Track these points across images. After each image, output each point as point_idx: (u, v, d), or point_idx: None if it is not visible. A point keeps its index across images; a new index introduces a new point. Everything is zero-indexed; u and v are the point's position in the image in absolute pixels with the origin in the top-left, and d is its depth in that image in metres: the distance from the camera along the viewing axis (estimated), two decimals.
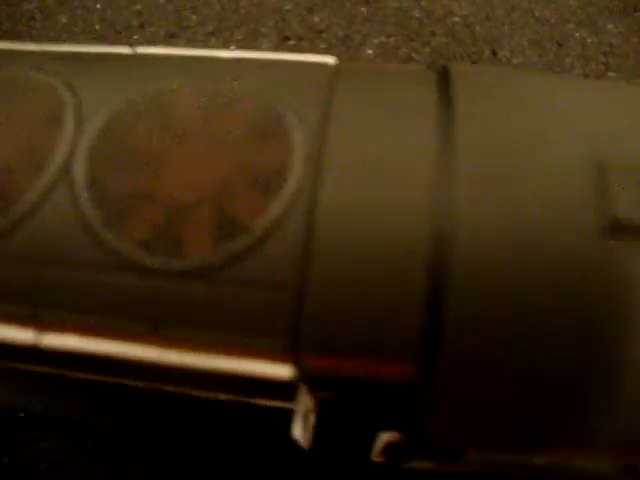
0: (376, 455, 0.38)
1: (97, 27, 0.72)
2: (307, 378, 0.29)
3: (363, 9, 0.70)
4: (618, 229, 0.27)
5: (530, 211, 0.27)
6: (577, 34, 0.69)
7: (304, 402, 0.32)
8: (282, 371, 0.28)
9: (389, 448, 0.34)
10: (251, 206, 0.28)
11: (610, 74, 0.68)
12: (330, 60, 0.35)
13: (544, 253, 0.26)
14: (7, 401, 0.46)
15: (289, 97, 0.31)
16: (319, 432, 0.39)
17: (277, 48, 0.67)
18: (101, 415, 0.44)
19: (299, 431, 0.32)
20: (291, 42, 0.68)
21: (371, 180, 0.27)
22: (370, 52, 0.67)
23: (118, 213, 0.29)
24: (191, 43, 0.69)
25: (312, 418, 0.40)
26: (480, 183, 0.27)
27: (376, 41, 0.68)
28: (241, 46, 0.68)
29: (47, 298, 0.29)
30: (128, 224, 0.28)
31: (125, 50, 0.37)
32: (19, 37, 0.72)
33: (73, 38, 0.71)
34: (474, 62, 0.67)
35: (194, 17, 0.72)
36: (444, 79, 0.33)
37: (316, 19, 0.69)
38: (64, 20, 0.73)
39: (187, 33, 0.70)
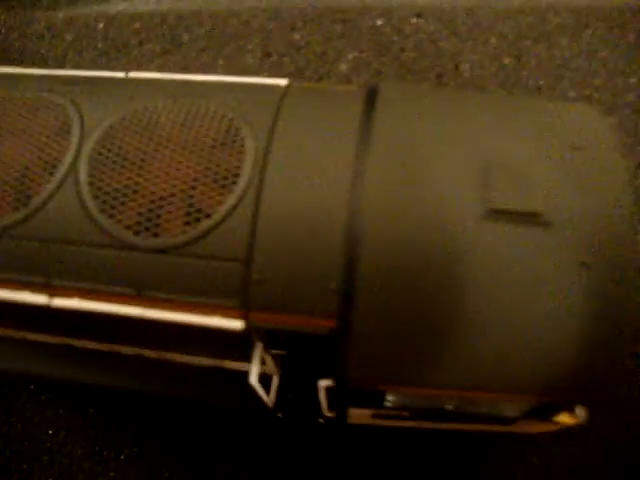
0: (325, 408, 0.47)
1: (100, 45, 0.81)
2: (256, 331, 0.38)
3: (339, 27, 0.79)
4: (495, 214, 0.36)
5: (426, 201, 0.36)
6: (533, 49, 0.78)
7: (258, 356, 0.41)
8: (236, 324, 0.37)
9: (330, 397, 0.43)
10: (212, 198, 0.37)
11: (563, 85, 0.77)
12: (283, 82, 0.44)
13: (431, 230, 0.35)
14: (21, 369, 0.55)
15: (246, 113, 0.40)
16: (280, 390, 0.48)
17: (261, 63, 0.77)
18: (98, 380, 0.54)
19: (254, 378, 0.41)
20: (273, 58, 0.78)
21: (303, 179, 0.37)
22: (344, 67, 0.76)
23: (111, 203, 0.38)
24: (184, 59, 0.79)
25: (275, 379, 0.49)
26: (386, 180, 0.36)
27: (350, 56, 0.77)
28: (229, 61, 0.77)
29: (56, 269, 0.38)
30: (119, 212, 0.38)
31: (120, 75, 0.46)
32: (29, 54, 0.82)
33: (78, 55, 0.81)
34: (439, 75, 0.76)
35: (187, 35, 0.81)
36: (372, 97, 0.42)
37: (296, 36, 0.78)
38: (70, 39, 0.83)
39: (181, 49, 0.80)
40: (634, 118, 0.73)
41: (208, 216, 0.37)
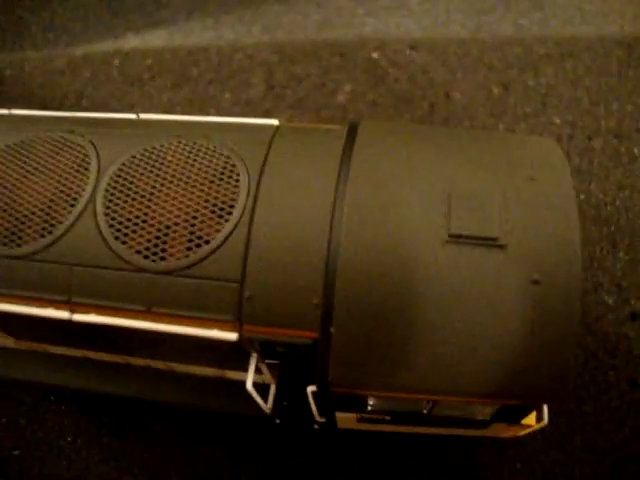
0: (316, 414, 0.53)
1: (116, 79, 0.89)
2: (251, 343, 0.44)
3: (337, 60, 0.86)
4: (456, 238, 0.42)
5: (393, 226, 0.42)
6: (520, 78, 0.84)
7: (253, 365, 0.47)
8: (231, 336, 0.43)
9: (318, 403, 0.49)
10: (211, 226, 0.43)
11: (548, 111, 0.83)
12: (274, 122, 0.50)
13: (403, 253, 0.41)
14: (43, 380, 0.61)
15: (241, 151, 0.46)
16: (277, 398, 0.54)
17: (264, 95, 0.84)
18: (112, 389, 0.60)
19: (250, 384, 0.47)
20: (276, 90, 0.85)
21: (289, 209, 0.43)
22: (342, 98, 0.83)
23: (124, 231, 0.44)
24: (193, 91, 0.86)
25: (272, 388, 0.55)
26: (361, 208, 0.42)
27: (347, 88, 0.84)
28: (234, 93, 0.84)
29: (77, 289, 0.45)
30: (130, 239, 0.44)
31: (132, 116, 0.53)
32: (50, 89, 0.90)
33: (96, 89, 0.88)
34: (431, 104, 0.83)
35: (195, 70, 0.88)
36: (352, 135, 0.48)
37: (297, 70, 0.85)
38: (88, 74, 0.90)
39: (190, 83, 0.87)
40: (615, 142, 0.79)
41: (207, 242, 0.43)
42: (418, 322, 0.41)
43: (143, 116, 0.52)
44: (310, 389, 0.47)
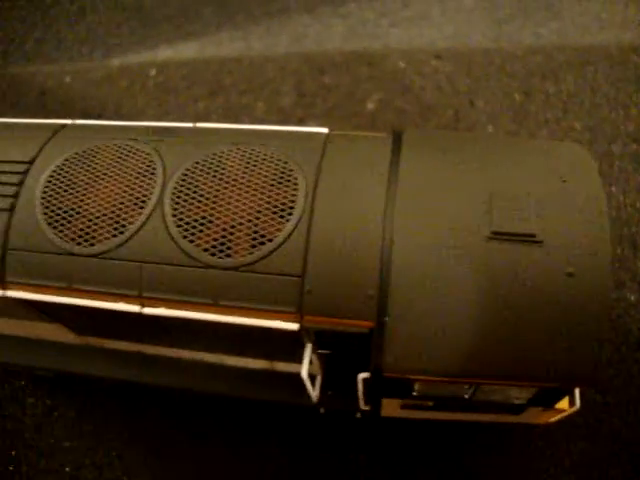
0: (362, 401, 0.57)
1: (152, 89, 0.94)
2: (307, 333, 0.49)
3: (365, 70, 0.91)
4: (497, 235, 0.46)
5: (440, 224, 0.47)
6: (541, 85, 0.89)
7: (309, 354, 0.52)
8: (293, 326, 0.47)
9: (367, 390, 0.53)
10: (272, 226, 0.48)
11: (569, 117, 0.87)
12: (324, 130, 0.55)
13: (449, 249, 0.46)
14: (101, 375, 0.66)
15: (296, 157, 0.51)
16: (324, 386, 0.59)
17: (295, 104, 0.88)
18: (167, 382, 0.64)
19: (305, 373, 0.51)
20: (306, 99, 0.89)
21: (345, 209, 0.48)
22: (370, 106, 0.88)
23: (191, 231, 0.49)
24: (227, 101, 0.91)
25: (319, 378, 0.59)
26: (410, 209, 0.47)
27: (375, 97, 0.88)
28: (267, 102, 0.89)
29: (147, 284, 0.49)
30: (198, 237, 0.49)
31: (189, 125, 0.58)
32: (90, 100, 0.95)
33: (133, 99, 0.93)
34: (456, 112, 0.87)
35: (228, 79, 0.93)
36: (398, 141, 0.53)
37: (327, 79, 0.90)
38: (125, 84, 0.95)
39: (223, 92, 0.92)
40: (634, 146, 0.84)
41: (270, 240, 0.48)
42: (465, 311, 0.45)
43: (200, 125, 0.57)
44: (362, 376, 0.51)
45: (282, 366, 0.61)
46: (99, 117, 0.60)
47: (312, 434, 0.68)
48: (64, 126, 0.60)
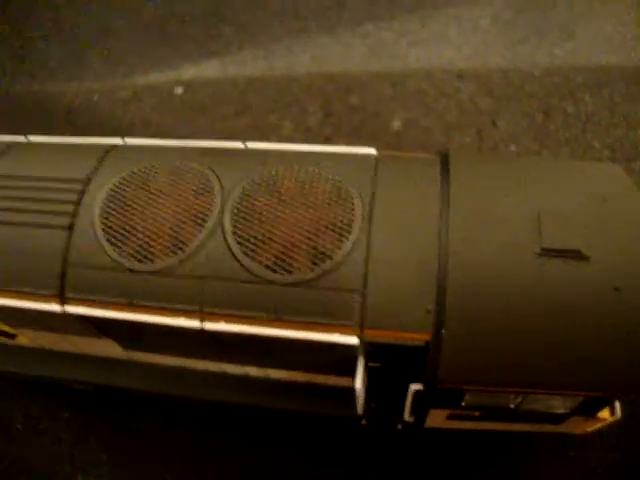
0: (407, 412, 0.60)
1: (180, 107, 0.97)
2: (366, 346, 0.51)
3: (389, 90, 0.94)
4: (546, 251, 0.49)
5: (492, 242, 0.49)
6: (560, 105, 0.93)
7: (362, 366, 0.54)
8: (352, 340, 0.50)
9: (416, 400, 0.56)
10: (332, 244, 0.51)
11: (588, 136, 0.91)
12: (372, 151, 0.58)
13: (501, 265, 0.48)
14: (147, 389, 0.68)
15: (350, 176, 0.54)
16: (369, 398, 0.61)
17: (322, 123, 0.91)
18: (214, 397, 0.67)
19: (359, 384, 0.53)
20: (333, 118, 0.92)
21: (401, 227, 0.50)
22: (396, 125, 0.91)
23: (252, 248, 0.52)
24: (254, 119, 0.93)
25: (363, 390, 0.62)
26: (463, 227, 0.50)
27: (400, 116, 0.92)
28: (294, 121, 0.92)
29: (208, 300, 0.52)
30: (258, 254, 0.51)
31: (240, 145, 0.60)
32: (117, 119, 0.97)
33: (161, 117, 0.96)
34: (478, 131, 0.91)
35: (255, 98, 0.96)
36: (445, 161, 0.56)
37: (352, 99, 0.93)
38: (152, 103, 0.98)
39: (250, 111, 0.95)
40: None
41: (330, 258, 0.50)
42: (517, 324, 0.48)
43: (250, 145, 0.60)
44: (413, 387, 0.54)
45: (325, 379, 0.63)
46: (128, 135, 0.63)
47: (352, 446, 0.70)
48: (115, 146, 0.62)
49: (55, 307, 0.55)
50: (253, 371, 0.65)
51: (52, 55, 1.09)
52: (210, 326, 0.52)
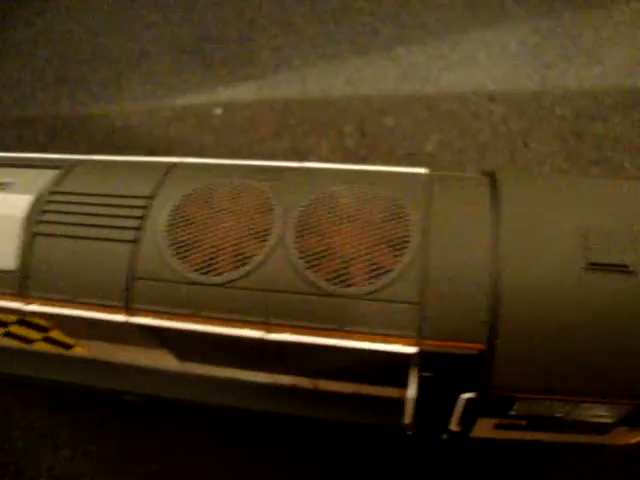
0: (455, 421, 0.62)
1: (219, 129, 1.01)
2: (420, 356, 0.54)
3: (423, 112, 0.98)
4: (593, 266, 0.53)
5: (542, 257, 0.53)
6: (591, 127, 0.96)
7: (415, 376, 0.57)
8: (410, 350, 0.53)
9: (466, 409, 0.59)
10: (390, 258, 0.54)
11: (618, 157, 0.94)
12: (422, 170, 0.62)
13: (551, 278, 0.52)
14: (204, 401, 0.71)
15: (405, 195, 0.58)
16: (418, 408, 0.64)
17: (359, 144, 0.95)
18: (264, 407, 0.70)
19: (412, 394, 0.57)
20: (368, 139, 0.96)
21: (456, 242, 0.54)
22: (430, 147, 0.95)
23: (313, 262, 0.55)
24: (292, 141, 0.98)
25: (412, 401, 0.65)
26: (515, 243, 0.53)
27: (434, 138, 0.96)
28: (331, 143, 0.96)
29: (273, 312, 0.55)
30: (319, 268, 0.55)
31: (295, 164, 0.64)
32: (158, 138, 1.02)
33: (201, 138, 1.00)
34: (511, 151, 0.94)
35: (292, 120, 1.00)
36: (493, 180, 0.59)
37: (388, 120, 0.97)
38: (192, 124, 1.02)
39: (288, 133, 0.99)
40: None
41: (388, 272, 0.54)
42: (568, 334, 0.51)
43: (306, 164, 0.64)
44: (465, 396, 0.57)
45: (374, 390, 0.66)
46: (169, 155, 0.66)
47: (396, 455, 0.73)
48: (175, 164, 0.66)
49: (121, 318, 0.59)
50: (303, 382, 0.68)
51: (93, 78, 1.14)
52: (274, 337, 0.55)
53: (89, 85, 1.13)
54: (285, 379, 0.68)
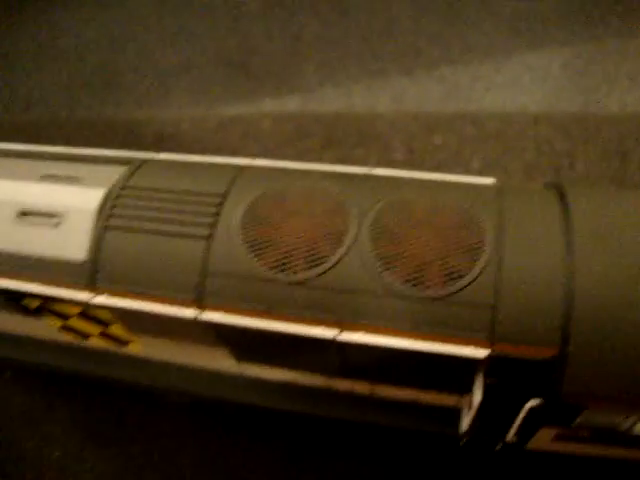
0: (514, 431, 0.64)
1: (266, 139, 1.04)
2: (491, 360, 0.56)
3: (470, 129, 1.01)
4: None
5: (613, 265, 0.55)
6: (635, 149, 0.99)
7: (480, 382, 0.59)
8: (483, 353, 0.55)
9: (529, 417, 0.60)
10: (464, 263, 0.56)
11: None
12: (489, 180, 0.64)
13: (623, 285, 0.54)
14: (257, 403, 0.73)
15: (476, 203, 0.60)
16: (478, 416, 0.65)
17: (407, 159, 0.98)
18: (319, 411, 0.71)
19: (478, 399, 0.58)
20: (416, 155, 0.99)
21: (526, 249, 0.56)
22: (476, 164, 0.97)
23: (387, 265, 0.57)
24: (340, 153, 1.00)
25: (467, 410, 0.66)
26: (586, 252, 0.55)
27: (481, 155, 0.98)
28: (378, 156, 0.99)
29: (347, 312, 0.57)
30: (395, 270, 0.57)
31: (364, 170, 0.66)
32: (205, 146, 1.04)
33: (248, 148, 1.03)
34: (557, 170, 0.97)
35: (339, 133, 1.03)
36: (559, 191, 0.61)
37: (435, 138, 1.00)
38: (239, 133, 1.05)
39: (336, 145, 1.01)
40: None
41: (462, 276, 0.56)
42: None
43: (375, 171, 0.66)
44: (530, 403, 0.59)
45: (430, 397, 0.68)
46: None
47: (445, 467, 0.74)
48: (245, 166, 0.68)
49: (191, 313, 0.60)
50: (360, 387, 0.70)
51: (139, 85, 1.17)
52: (347, 337, 0.57)
53: (135, 91, 1.16)
54: (343, 384, 0.69)
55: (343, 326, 0.57)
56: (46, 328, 0.76)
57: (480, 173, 0.97)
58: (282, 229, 0.61)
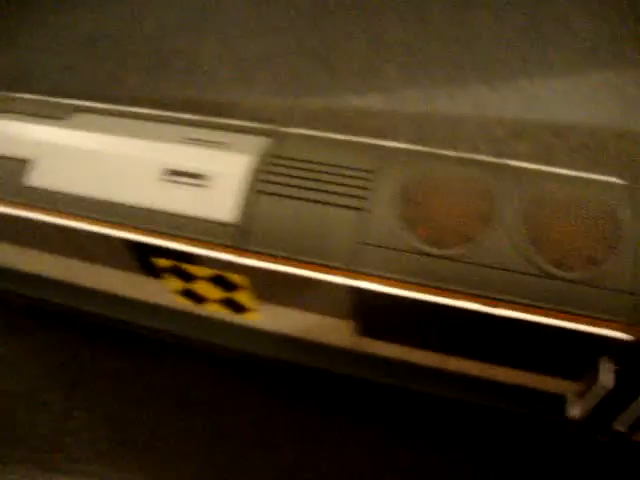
0: (625, 420, 0.70)
1: (347, 133, 1.11)
2: (618, 347, 0.62)
3: (554, 140, 1.09)
4: None
5: None
6: None
7: (607, 366, 0.65)
8: (622, 335, 0.62)
9: None
10: (605, 250, 0.63)
11: None
12: (616, 179, 0.71)
13: None
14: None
15: (611, 197, 0.67)
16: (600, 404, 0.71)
17: None
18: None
19: (609, 382, 0.64)
20: (504, 159, 1.07)
21: None
22: None
23: (539, 246, 0.64)
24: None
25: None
26: None
27: (568, 165, 1.06)
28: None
29: (494, 287, 0.64)
30: (546, 253, 0.63)
31: (501, 161, 0.73)
32: None
33: None
34: None
35: (424, 133, 1.11)
36: None
37: (521, 146, 1.08)
38: (322, 127, 1.12)
39: (422, 143, 1.09)
40: None
41: (604, 261, 0.62)
42: None
43: (511, 162, 0.73)
44: None
45: (542, 382, 0.74)
46: None
47: (549, 454, 0.80)
48: (387, 147, 0.74)
49: (342, 280, 0.67)
50: (470, 367, 0.76)
51: (221, 71, 1.24)
52: (492, 311, 0.63)
53: (217, 78, 1.23)
54: (453, 363, 0.76)
55: (489, 302, 0.64)
56: (159, 291, 0.81)
57: None
58: (434, 206, 0.66)
